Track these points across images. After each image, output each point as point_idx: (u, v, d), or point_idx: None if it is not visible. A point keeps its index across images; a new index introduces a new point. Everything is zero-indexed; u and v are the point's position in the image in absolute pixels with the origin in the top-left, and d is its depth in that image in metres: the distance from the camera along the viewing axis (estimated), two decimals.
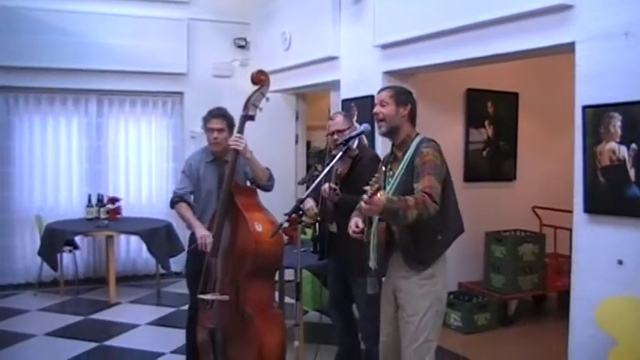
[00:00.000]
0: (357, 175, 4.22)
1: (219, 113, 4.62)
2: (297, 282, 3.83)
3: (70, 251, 7.59)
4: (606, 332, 3.71)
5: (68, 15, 7.64)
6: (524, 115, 7.10)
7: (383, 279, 3.64)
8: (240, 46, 8.65)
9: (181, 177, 4.74)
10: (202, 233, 4.34)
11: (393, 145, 3.63)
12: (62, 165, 8.11)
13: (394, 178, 3.44)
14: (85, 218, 7.67)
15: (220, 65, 8.56)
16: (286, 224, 3.84)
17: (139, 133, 8.46)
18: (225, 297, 4.20)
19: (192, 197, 4.66)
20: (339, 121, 4.56)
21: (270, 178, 4.61)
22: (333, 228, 4.51)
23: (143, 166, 8.49)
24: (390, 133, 3.55)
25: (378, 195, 2.93)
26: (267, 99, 4.41)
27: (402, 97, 3.56)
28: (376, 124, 3.60)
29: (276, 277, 4.93)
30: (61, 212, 7.95)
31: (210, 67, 8.52)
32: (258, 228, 4.10)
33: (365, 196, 2.93)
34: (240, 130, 4.31)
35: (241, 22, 8.60)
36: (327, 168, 3.74)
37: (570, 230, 6.30)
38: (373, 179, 2.94)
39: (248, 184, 4.66)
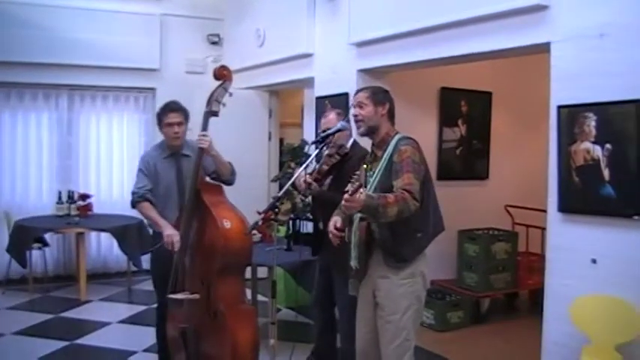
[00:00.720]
0: (345, 174, 4.15)
1: (177, 107, 4.53)
2: (272, 280, 3.80)
3: (40, 248, 7.48)
4: (580, 330, 3.77)
5: (40, 9, 7.52)
6: (497, 114, 7.15)
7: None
8: (214, 43, 8.59)
9: (138, 175, 4.58)
10: (169, 232, 4.24)
11: (372, 145, 3.63)
12: (32, 161, 7.98)
13: (374, 176, 3.43)
14: (55, 215, 7.53)
15: (193, 61, 8.50)
16: (261, 222, 3.81)
17: (110, 128, 8.36)
18: (196, 295, 4.15)
19: (152, 194, 4.50)
20: (332, 118, 4.52)
21: (233, 172, 4.56)
22: (322, 225, 4.48)
23: (115, 162, 8.38)
24: (369, 133, 3.55)
25: (359, 193, 2.91)
26: (231, 94, 4.34)
27: (380, 96, 3.56)
28: (355, 125, 3.60)
29: (249, 275, 4.89)
30: (31, 208, 7.82)
31: (183, 63, 8.45)
32: (227, 224, 4.05)
33: (346, 195, 2.92)
34: (205, 127, 4.24)
35: (215, 17, 8.53)
36: (304, 165, 3.73)
37: (543, 229, 6.43)
38: (354, 177, 2.91)
39: (207, 179, 4.59)
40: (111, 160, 8.36)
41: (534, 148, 7.23)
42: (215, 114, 4.23)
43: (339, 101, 6.00)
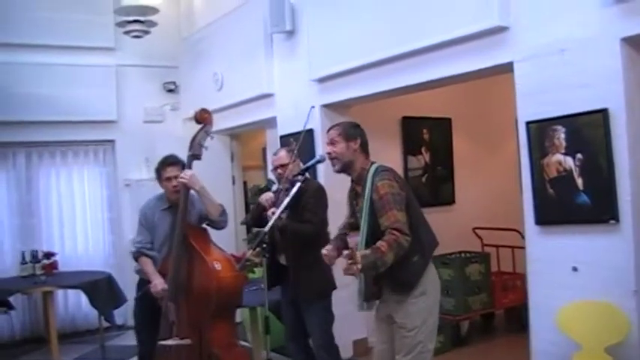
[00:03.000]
0: (303, 206, 4.34)
1: (174, 161, 4.58)
2: (265, 315, 3.79)
3: (6, 312, 7.24)
4: (569, 337, 3.84)
5: None
6: (458, 139, 7.32)
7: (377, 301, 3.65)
8: (170, 90, 8.60)
9: (138, 228, 4.67)
10: (155, 282, 4.30)
11: (352, 181, 3.68)
12: None
13: (362, 216, 3.46)
14: (20, 276, 7.32)
15: (151, 110, 8.48)
16: (255, 258, 3.82)
17: (71, 184, 8.20)
18: (187, 341, 4.11)
19: (151, 247, 4.59)
20: (283, 155, 4.66)
21: (223, 213, 4.58)
22: (282, 260, 4.53)
23: (78, 217, 8.21)
24: (345, 169, 3.60)
25: (354, 263, 3.03)
26: (212, 137, 4.41)
27: (351, 131, 3.61)
28: (330, 163, 3.65)
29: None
30: None
31: (140, 113, 8.41)
32: (218, 267, 4.07)
33: (346, 254, 3.05)
34: (188, 167, 4.31)
35: (170, 65, 8.55)
36: (289, 197, 3.75)
37: (513, 247, 6.56)
38: (345, 254, 3.04)
39: (203, 225, 4.61)
40: (73, 215, 8.19)
41: (497, 169, 7.43)
42: (198, 157, 4.30)
43: (303, 138, 6.06)
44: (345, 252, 3.08)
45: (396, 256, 3.20)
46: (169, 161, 4.57)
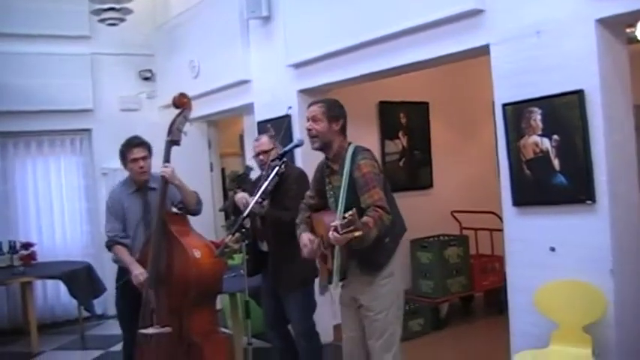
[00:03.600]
0: (284, 192, 4.31)
1: (139, 142, 4.54)
2: (245, 300, 3.78)
3: None
4: (547, 316, 3.88)
5: None
6: (436, 124, 7.35)
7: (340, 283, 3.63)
8: (146, 78, 8.54)
9: (107, 217, 4.59)
10: (136, 272, 4.25)
11: (326, 158, 3.67)
12: None
13: (341, 193, 3.46)
14: None
15: (127, 99, 8.42)
16: (234, 244, 3.81)
17: (48, 173, 8.14)
18: (168, 329, 4.10)
19: (124, 235, 4.53)
20: (265, 141, 4.63)
21: (199, 202, 4.58)
22: (264, 247, 4.52)
23: (55, 208, 8.15)
24: (324, 147, 3.60)
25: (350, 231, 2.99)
26: (191, 122, 4.37)
27: (335, 111, 3.60)
28: (309, 140, 3.63)
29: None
30: None
31: (116, 102, 8.36)
32: (197, 254, 4.06)
33: (336, 224, 3.00)
34: (167, 157, 4.27)
35: (145, 53, 8.47)
36: (267, 181, 3.75)
37: (491, 230, 6.61)
38: (348, 216, 2.98)
39: (173, 209, 4.58)
40: (51, 205, 8.13)
41: (474, 153, 7.47)
42: (177, 143, 4.26)
43: (281, 124, 6.06)
44: (340, 221, 3.01)
45: (379, 233, 3.22)
46: (135, 142, 4.52)
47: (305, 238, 3.62)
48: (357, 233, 3.00)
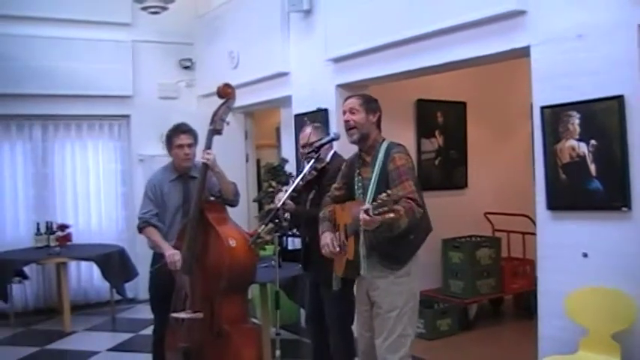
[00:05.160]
0: (324, 188, 4.19)
1: (187, 129, 4.58)
2: (275, 291, 3.81)
3: (20, 281, 7.34)
4: (576, 322, 3.86)
5: (9, 39, 7.46)
6: (472, 124, 7.29)
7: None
8: (186, 67, 8.63)
9: (144, 200, 4.62)
10: (170, 252, 4.27)
11: (360, 150, 3.69)
12: (7, 193, 7.83)
13: (371, 185, 3.47)
14: (34, 247, 7.42)
15: (166, 87, 8.52)
16: (266, 235, 3.83)
17: (86, 157, 8.27)
18: (200, 314, 4.15)
19: (157, 219, 4.55)
20: (307, 133, 4.48)
21: (237, 193, 4.61)
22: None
23: (92, 191, 8.29)
24: (362, 140, 3.61)
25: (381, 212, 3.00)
26: (233, 112, 4.40)
27: (372, 104, 3.65)
28: (346, 132, 3.64)
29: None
30: (8, 241, 7.64)
31: (155, 89, 8.46)
32: (232, 243, 4.09)
33: (368, 207, 3.03)
34: (209, 145, 4.30)
35: (186, 42, 8.57)
36: (301, 175, 3.76)
37: (523, 233, 6.57)
38: (382, 197, 3.00)
39: (211, 199, 4.62)
40: (87, 189, 8.26)
41: (510, 155, 7.41)
42: (219, 132, 4.30)
43: (318, 117, 6.08)
44: (372, 205, 3.04)
45: (409, 224, 3.22)
46: (183, 129, 4.57)
47: (327, 237, 3.62)
48: (389, 215, 3.01)
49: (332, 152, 4.42)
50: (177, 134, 4.54)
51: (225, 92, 4.32)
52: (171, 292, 4.31)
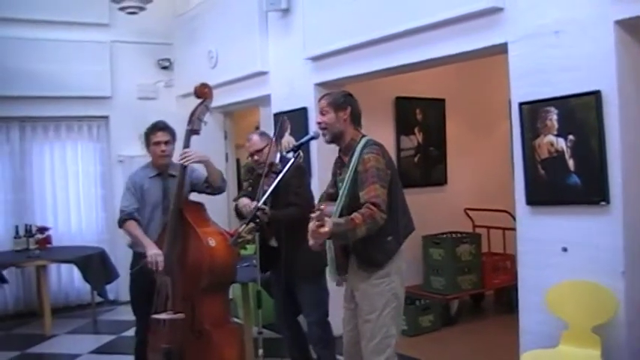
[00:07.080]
0: (285, 188, 4.21)
1: (164, 126, 4.58)
2: (257, 290, 3.80)
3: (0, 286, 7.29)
4: (557, 317, 3.89)
5: None
6: (451, 121, 7.33)
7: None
8: (164, 67, 8.60)
9: (125, 194, 4.58)
10: (153, 252, 4.23)
11: (339, 150, 3.67)
12: None
13: (343, 186, 3.46)
14: (14, 250, 7.37)
15: (145, 87, 8.48)
16: (247, 234, 3.83)
17: (64, 159, 8.21)
18: (181, 315, 4.14)
19: (138, 213, 4.52)
20: (256, 140, 4.59)
21: (223, 179, 4.67)
22: (274, 242, 4.52)
23: (71, 193, 8.23)
24: (335, 139, 3.58)
25: (322, 226, 3.03)
26: (211, 112, 4.41)
27: (340, 100, 3.57)
28: (321, 133, 3.63)
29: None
30: None
31: (134, 90, 8.41)
32: (212, 243, 4.09)
33: (311, 225, 3.05)
34: (187, 145, 4.30)
35: (164, 42, 8.54)
36: (280, 175, 3.71)
37: (503, 229, 6.61)
38: (316, 211, 3.03)
39: (193, 194, 4.62)
40: (67, 191, 8.21)
41: (489, 151, 7.46)
42: (197, 132, 4.29)
43: (297, 116, 6.09)
44: (313, 214, 3.05)
45: (368, 231, 3.20)
46: (159, 126, 4.57)
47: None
48: (322, 230, 3.03)
49: (278, 155, 4.47)
50: (154, 132, 4.54)
51: (202, 92, 4.32)
52: (152, 294, 4.29)
